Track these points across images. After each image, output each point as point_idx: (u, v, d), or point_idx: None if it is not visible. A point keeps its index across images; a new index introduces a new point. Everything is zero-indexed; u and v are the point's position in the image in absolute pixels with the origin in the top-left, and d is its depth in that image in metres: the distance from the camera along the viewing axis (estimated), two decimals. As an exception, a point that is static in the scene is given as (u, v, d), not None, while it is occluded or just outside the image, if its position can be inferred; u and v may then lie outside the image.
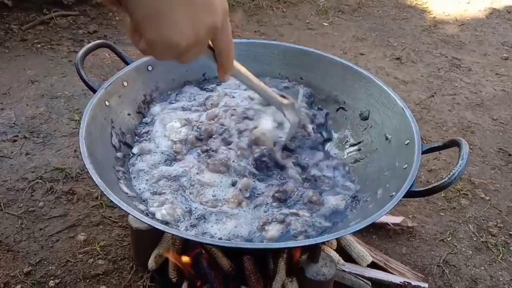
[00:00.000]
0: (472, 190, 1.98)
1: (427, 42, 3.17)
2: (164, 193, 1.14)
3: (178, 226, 1.08)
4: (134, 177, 1.20)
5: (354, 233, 1.63)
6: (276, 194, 1.16)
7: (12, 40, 2.76)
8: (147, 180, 1.19)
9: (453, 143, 1.11)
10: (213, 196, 1.15)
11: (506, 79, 2.82)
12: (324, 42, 3.08)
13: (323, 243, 1.44)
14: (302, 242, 1.05)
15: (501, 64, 2.98)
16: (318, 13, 3.44)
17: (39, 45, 2.74)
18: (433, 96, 2.61)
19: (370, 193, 1.18)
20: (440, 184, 0.99)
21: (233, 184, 1.17)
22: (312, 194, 1.17)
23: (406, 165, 1.10)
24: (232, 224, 1.10)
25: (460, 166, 1.00)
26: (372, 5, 3.63)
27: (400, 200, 1.01)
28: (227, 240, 1.06)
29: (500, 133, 2.36)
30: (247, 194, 1.15)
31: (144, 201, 1.14)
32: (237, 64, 0.97)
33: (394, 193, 1.02)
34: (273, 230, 1.09)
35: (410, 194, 1.02)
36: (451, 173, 0.98)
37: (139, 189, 1.17)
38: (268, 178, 1.20)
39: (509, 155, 2.21)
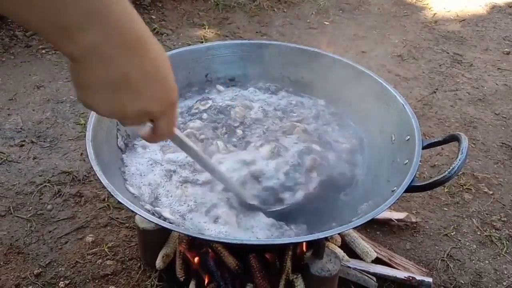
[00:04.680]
0: (475, 184, 1.99)
1: (428, 38, 3.18)
2: None
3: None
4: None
5: (358, 229, 1.64)
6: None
7: (17, 47, 2.80)
8: None
9: (453, 138, 1.12)
10: None
11: (508, 74, 2.82)
12: (325, 41, 3.09)
13: (326, 238, 1.45)
14: (305, 237, 1.07)
15: (503, 59, 2.98)
16: (319, 12, 3.45)
17: (43, 51, 2.77)
18: (435, 92, 2.61)
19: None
20: (441, 178, 1.01)
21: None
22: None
23: (407, 161, 1.12)
24: None
25: (459, 160, 1.01)
26: (373, 3, 3.63)
27: (402, 195, 1.02)
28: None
29: (503, 128, 2.36)
30: None
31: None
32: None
33: (395, 188, 1.04)
34: None
35: (411, 189, 1.04)
36: (451, 167, 1.00)
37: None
38: None
39: (512, 149, 2.21)
